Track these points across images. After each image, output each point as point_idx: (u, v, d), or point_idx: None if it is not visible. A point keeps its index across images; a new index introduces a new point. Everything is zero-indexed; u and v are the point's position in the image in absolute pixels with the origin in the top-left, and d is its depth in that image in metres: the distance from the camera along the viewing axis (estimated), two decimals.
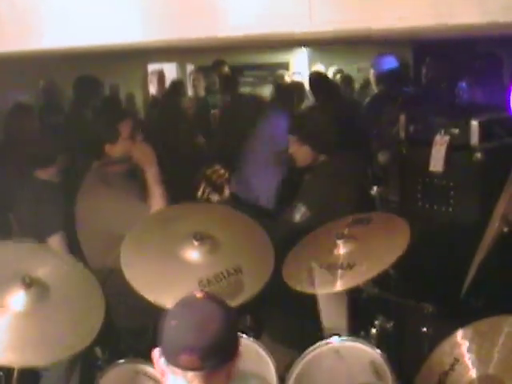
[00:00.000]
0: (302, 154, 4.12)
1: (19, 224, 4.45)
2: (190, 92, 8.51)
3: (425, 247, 3.79)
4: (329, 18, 2.82)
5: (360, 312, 3.48)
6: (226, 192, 3.90)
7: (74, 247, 4.17)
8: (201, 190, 3.82)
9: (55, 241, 4.08)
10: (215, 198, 3.85)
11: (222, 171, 3.93)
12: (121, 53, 5.77)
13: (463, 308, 3.43)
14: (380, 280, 3.34)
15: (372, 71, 8.34)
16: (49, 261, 3.10)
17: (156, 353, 2.03)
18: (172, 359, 1.96)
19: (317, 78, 7.40)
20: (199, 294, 2.03)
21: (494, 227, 3.02)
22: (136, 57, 8.18)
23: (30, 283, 2.79)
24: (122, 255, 3.22)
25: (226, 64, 8.22)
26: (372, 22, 2.80)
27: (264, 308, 3.67)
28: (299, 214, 3.94)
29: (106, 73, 7.10)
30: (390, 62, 7.95)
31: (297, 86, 7.38)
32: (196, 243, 3.17)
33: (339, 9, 2.80)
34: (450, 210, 4.08)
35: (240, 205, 3.89)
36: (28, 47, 3.00)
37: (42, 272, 2.94)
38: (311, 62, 10.21)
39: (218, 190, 3.88)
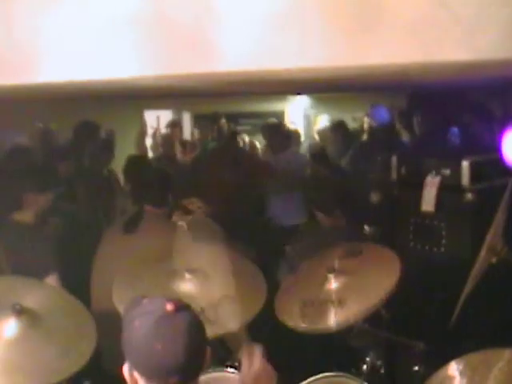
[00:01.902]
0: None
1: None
2: None
3: (416, 287, 3.80)
4: (321, 55, 2.88)
5: (351, 348, 3.47)
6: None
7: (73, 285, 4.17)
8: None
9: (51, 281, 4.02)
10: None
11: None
12: (117, 96, 5.85)
13: (455, 346, 3.42)
14: (371, 317, 3.33)
15: (366, 120, 8.46)
16: (40, 291, 3.12)
17: (127, 370, 2.02)
18: (159, 381, 1.96)
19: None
20: (170, 307, 2.00)
21: (483, 258, 3.05)
22: (132, 103, 8.28)
23: (20, 311, 2.80)
24: (114, 291, 3.23)
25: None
26: (363, 58, 2.87)
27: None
28: None
29: (102, 119, 7.16)
30: (384, 115, 8.11)
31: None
32: (188, 276, 3.18)
33: (331, 46, 2.87)
34: (442, 250, 4.10)
35: None
36: (23, 81, 3.04)
37: (33, 301, 2.95)
38: (306, 111, 10.35)
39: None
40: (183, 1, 2.98)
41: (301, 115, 10.26)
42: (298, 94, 9.17)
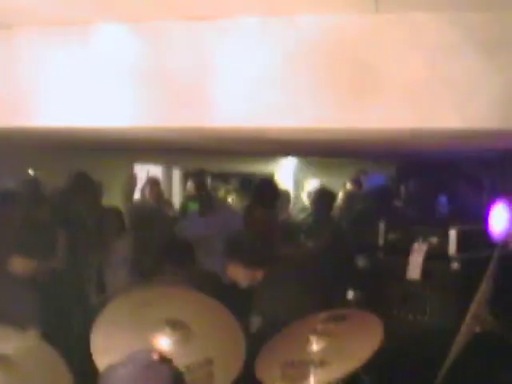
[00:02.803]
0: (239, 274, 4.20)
1: None
2: None
3: (400, 354, 3.76)
4: (313, 116, 2.91)
5: None
6: None
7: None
8: None
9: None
10: None
11: None
12: (110, 146, 5.87)
13: None
14: (351, 382, 3.28)
15: (348, 186, 8.44)
16: (19, 340, 3.07)
17: None
18: None
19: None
20: (156, 356, 2.13)
21: (467, 327, 3.02)
22: (123, 155, 8.30)
23: None
24: (92, 342, 3.17)
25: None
26: (355, 122, 2.90)
27: None
28: (255, 325, 3.97)
29: (91, 169, 7.15)
30: (379, 180, 8.16)
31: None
32: (169, 330, 3.11)
33: (323, 108, 2.90)
34: (426, 318, 4.07)
35: None
36: (17, 124, 3.06)
37: (10, 349, 2.90)
38: (295, 174, 10.41)
39: None
40: (182, 57, 3.02)
41: (290, 178, 10.30)
42: (288, 155, 9.23)
